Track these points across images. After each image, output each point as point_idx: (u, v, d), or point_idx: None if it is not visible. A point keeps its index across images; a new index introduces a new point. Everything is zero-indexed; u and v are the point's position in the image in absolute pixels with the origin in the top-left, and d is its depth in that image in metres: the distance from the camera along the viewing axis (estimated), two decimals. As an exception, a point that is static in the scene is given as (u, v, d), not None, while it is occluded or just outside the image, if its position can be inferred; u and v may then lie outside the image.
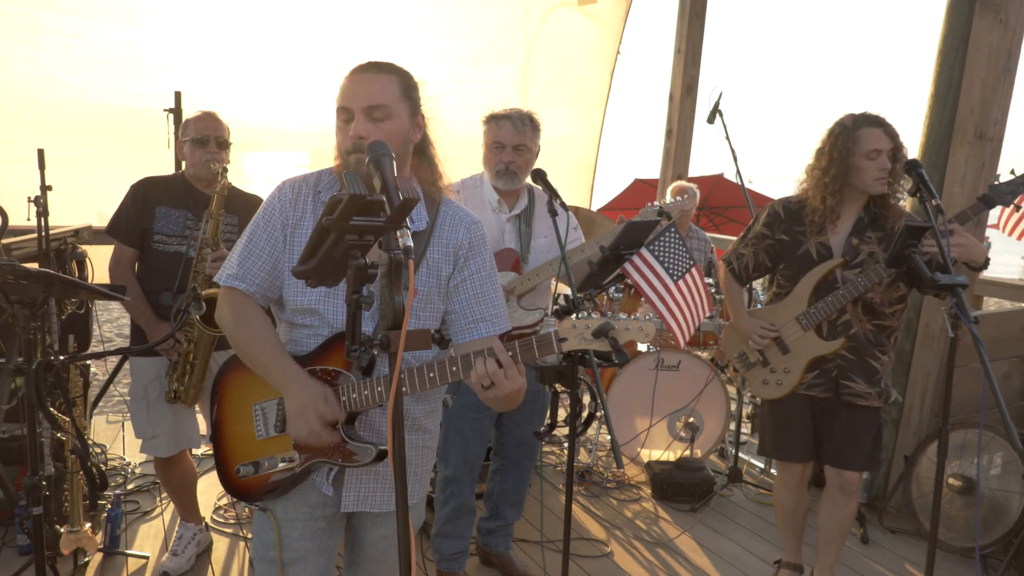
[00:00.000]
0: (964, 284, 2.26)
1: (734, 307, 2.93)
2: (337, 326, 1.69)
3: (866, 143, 2.56)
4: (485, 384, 1.53)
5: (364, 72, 1.65)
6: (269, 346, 1.67)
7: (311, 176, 1.76)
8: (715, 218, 9.30)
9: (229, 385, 1.79)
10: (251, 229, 1.72)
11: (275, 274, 1.71)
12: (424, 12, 4.82)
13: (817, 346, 2.70)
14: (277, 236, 1.69)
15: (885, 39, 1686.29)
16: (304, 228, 1.70)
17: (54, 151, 3.22)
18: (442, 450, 2.89)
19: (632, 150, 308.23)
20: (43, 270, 2.19)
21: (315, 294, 1.68)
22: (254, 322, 1.69)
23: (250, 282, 1.70)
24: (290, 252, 1.70)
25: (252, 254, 1.70)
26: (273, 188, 1.75)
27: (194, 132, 2.87)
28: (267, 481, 1.72)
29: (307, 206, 1.71)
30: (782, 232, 2.78)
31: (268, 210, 1.71)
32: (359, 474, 1.74)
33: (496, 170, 2.72)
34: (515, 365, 1.54)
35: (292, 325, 1.75)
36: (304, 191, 1.72)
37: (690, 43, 5.42)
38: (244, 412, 1.76)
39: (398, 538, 1.15)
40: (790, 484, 2.90)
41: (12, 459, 3.16)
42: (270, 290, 1.72)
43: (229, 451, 1.78)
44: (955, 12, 3.55)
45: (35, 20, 3.82)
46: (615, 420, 4.14)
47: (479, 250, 1.78)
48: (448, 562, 2.95)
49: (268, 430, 1.72)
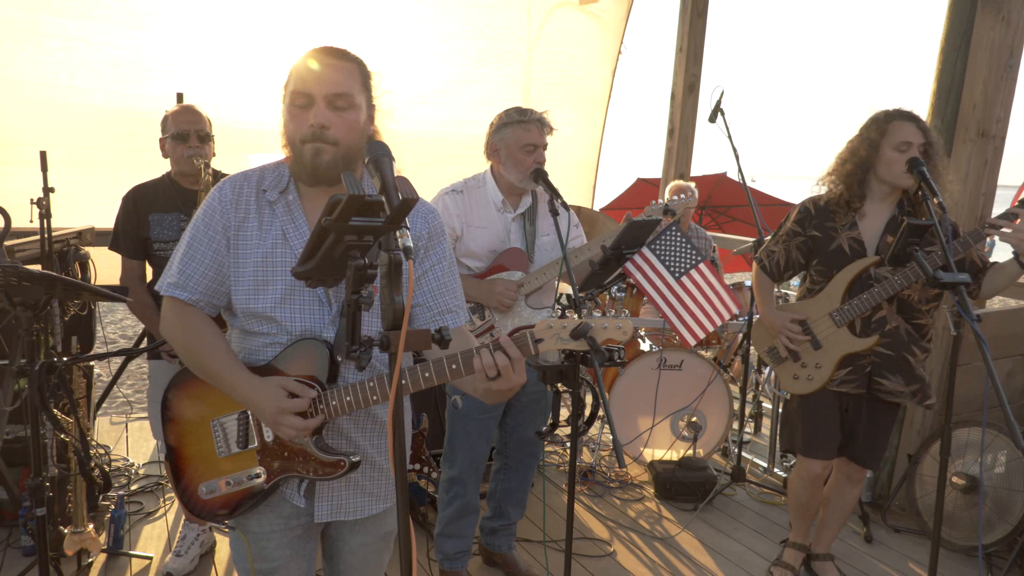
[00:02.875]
0: (966, 282, 2.26)
1: (763, 302, 2.95)
2: (296, 332, 1.60)
3: (896, 135, 2.57)
4: (491, 374, 1.47)
5: (326, 57, 1.55)
6: (221, 355, 1.59)
7: (253, 173, 1.65)
8: (718, 217, 9.30)
9: (181, 402, 1.69)
10: (191, 233, 1.62)
11: (219, 280, 1.61)
12: (426, 13, 4.82)
13: (850, 343, 2.72)
14: (219, 240, 1.59)
15: (887, 37, 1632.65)
16: (248, 229, 1.60)
17: (57, 153, 3.23)
18: (447, 451, 2.90)
19: (634, 149, 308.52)
20: (46, 272, 2.19)
21: (269, 299, 1.59)
22: (202, 332, 1.61)
23: (192, 290, 1.60)
24: (235, 255, 1.60)
25: (193, 260, 1.60)
26: (213, 188, 1.65)
27: (174, 127, 2.80)
28: (234, 500, 1.64)
29: (250, 206, 1.61)
30: (814, 228, 2.79)
31: (208, 212, 1.60)
32: (330, 483, 1.67)
33: (529, 172, 2.72)
34: (521, 360, 1.49)
35: (246, 333, 1.65)
36: (246, 190, 1.62)
37: (692, 42, 5.42)
38: (201, 429, 1.66)
39: (400, 540, 1.14)
40: (807, 480, 2.92)
41: (16, 460, 3.17)
42: (215, 297, 1.63)
43: (189, 472, 1.67)
44: (957, 9, 3.54)
45: (39, 23, 3.83)
46: (618, 419, 4.13)
47: (439, 240, 1.72)
48: (451, 561, 2.95)
49: (230, 446, 1.64)
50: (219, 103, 4.07)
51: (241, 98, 4.39)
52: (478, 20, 5.00)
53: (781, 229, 2.90)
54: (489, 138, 2.80)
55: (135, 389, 6.24)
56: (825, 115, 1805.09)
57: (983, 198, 3.54)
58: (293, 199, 1.62)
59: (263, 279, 1.59)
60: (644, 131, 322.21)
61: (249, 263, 1.59)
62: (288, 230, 1.60)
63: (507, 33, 5.14)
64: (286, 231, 1.60)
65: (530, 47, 5.28)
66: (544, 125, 2.75)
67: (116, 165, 4.15)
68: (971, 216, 3.53)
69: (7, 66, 3.82)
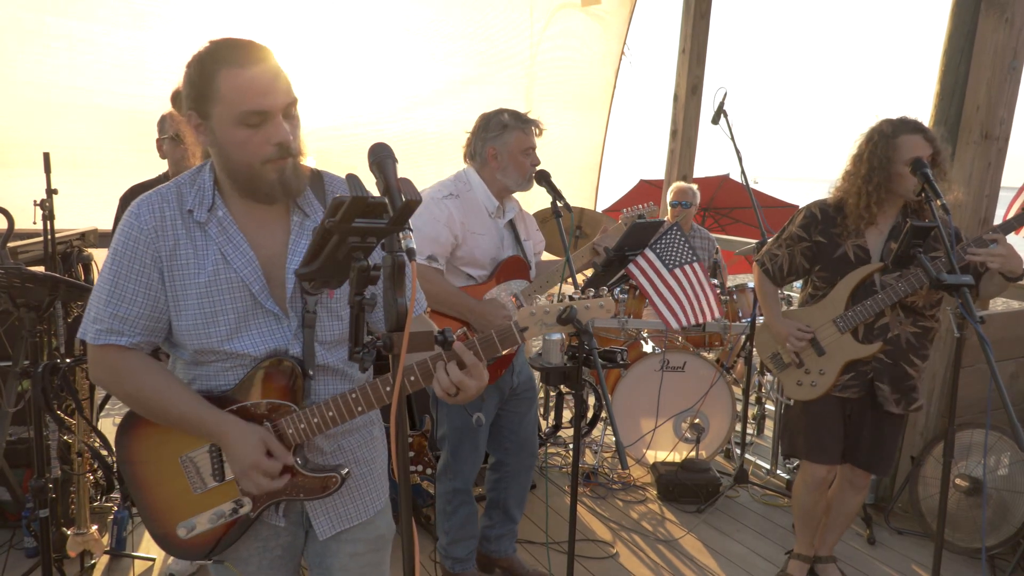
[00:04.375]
0: (970, 284, 2.25)
1: (768, 307, 2.93)
2: (259, 355, 1.46)
3: (907, 150, 2.55)
4: (452, 393, 1.41)
5: (262, 63, 1.36)
6: (182, 398, 1.44)
7: (168, 191, 1.45)
8: (720, 219, 9.30)
9: (139, 445, 1.52)
10: (112, 271, 1.41)
11: (155, 317, 1.44)
12: (428, 15, 4.83)
13: (854, 349, 2.71)
14: (149, 272, 1.41)
15: (891, 38, 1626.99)
16: (182, 257, 1.42)
17: (60, 155, 3.23)
18: (450, 463, 2.86)
19: (637, 151, 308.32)
20: (49, 274, 2.20)
21: (222, 331, 1.43)
22: (151, 378, 1.45)
23: (130, 334, 1.43)
24: (171, 288, 1.42)
25: (123, 300, 1.41)
26: (125, 214, 1.44)
27: (172, 129, 2.78)
28: (218, 534, 1.52)
29: (178, 230, 1.42)
30: (819, 234, 2.77)
31: (129, 243, 1.41)
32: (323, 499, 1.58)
33: (528, 175, 2.72)
34: (480, 363, 1.42)
35: (198, 362, 1.49)
36: (168, 212, 1.42)
37: (695, 43, 5.42)
38: (169, 468, 1.51)
39: (402, 541, 1.14)
40: (811, 485, 2.91)
41: (19, 462, 3.17)
42: (154, 335, 1.46)
43: (163, 513, 1.53)
44: (961, 11, 3.54)
45: (43, 24, 3.84)
46: (620, 421, 4.13)
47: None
48: (462, 563, 2.96)
49: (206, 482, 1.51)
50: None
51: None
52: (481, 22, 5.01)
53: (784, 232, 2.89)
54: (483, 142, 2.71)
55: (138, 390, 6.26)
56: (828, 117, 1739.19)
57: (986, 200, 3.54)
58: (224, 215, 1.45)
59: (210, 310, 1.43)
60: (647, 133, 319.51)
61: (191, 294, 1.43)
62: (227, 251, 1.44)
63: (510, 35, 5.15)
64: (225, 252, 1.44)
65: (533, 48, 5.28)
66: (537, 127, 2.75)
67: (119, 166, 4.16)
68: (975, 218, 3.53)
69: (10, 67, 3.83)
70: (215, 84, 1.34)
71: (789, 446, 2.98)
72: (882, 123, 2.64)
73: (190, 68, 1.40)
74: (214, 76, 1.34)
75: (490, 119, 2.72)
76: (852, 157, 2.71)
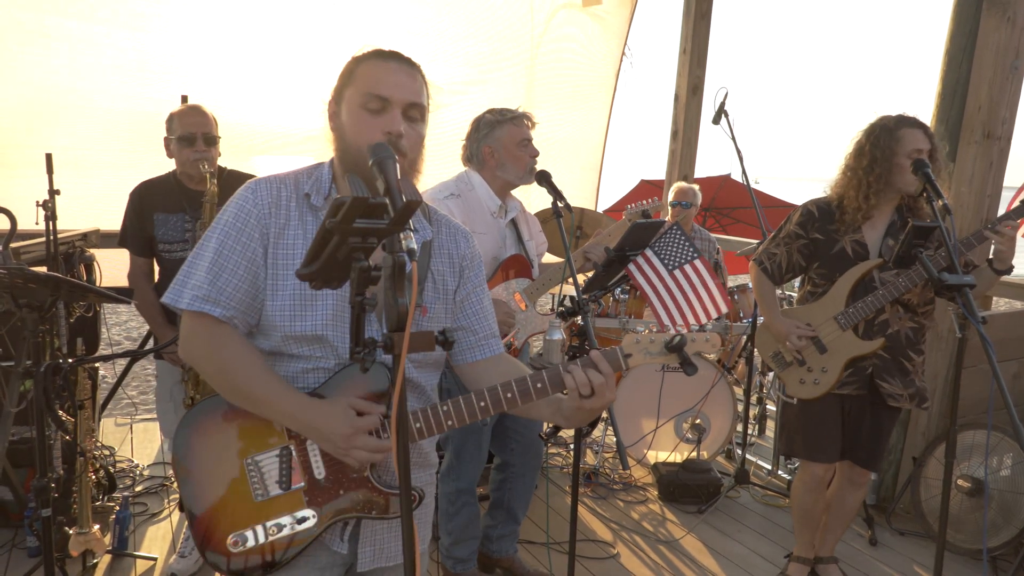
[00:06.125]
0: (971, 285, 2.25)
1: (767, 307, 2.93)
2: (346, 357, 1.41)
3: (909, 143, 2.59)
4: (585, 392, 1.39)
5: (402, 64, 1.44)
6: (267, 379, 1.39)
7: (287, 177, 1.48)
8: (721, 219, 9.29)
9: (202, 443, 1.45)
10: (219, 237, 1.40)
11: (253, 294, 1.41)
12: (429, 15, 4.83)
13: (856, 346, 2.72)
14: (255, 247, 1.40)
15: (892, 38, 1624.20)
16: (288, 237, 1.43)
17: (62, 155, 3.24)
18: (453, 463, 2.87)
19: (638, 151, 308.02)
20: (51, 274, 2.20)
21: (319, 318, 1.41)
22: (241, 353, 1.40)
23: (226, 305, 1.38)
24: (273, 268, 1.41)
25: (224, 270, 1.38)
26: (242, 188, 1.45)
27: (180, 129, 2.77)
28: (275, 550, 1.41)
29: (291, 211, 1.44)
30: (816, 231, 2.79)
31: (241, 214, 1.41)
32: (374, 526, 1.51)
33: (528, 168, 2.72)
34: (614, 376, 1.41)
35: (282, 357, 1.45)
36: (284, 193, 1.45)
37: (696, 43, 5.41)
38: (231, 471, 1.42)
39: (403, 543, 1.13)
40: (810, 485, 2.91)
41: (22, 462, 3.18)
42: (249, 314, 1.42)
43: (216, 520, 1.42)
44: (962, 11, 3.53)
45: (44, 25, 3.85)
46: (621, 421, 4.13)
47: (477, 261, 1.63)
48: (464, 563, 2.96)
49: (269, 489, 1.42)
50: (223, 104, 4.08)
51: (245, 99, 4.40)
52: (482, 23, 5.01)
53: (782, 231, 2.90)
54: (477, 143, 2.74)
55: (140, 391, 6.26)
56: (829, 117, 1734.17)
57: (988, 199, 3.53)
58: None
59: (311, 295, 1.42)
60: (648, 133, 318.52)
61: (292, 277, 1.40)
62: None
63: (510, 35, 5.15)
64: None
65: (533, 49, 5.28)
66: (529, 119, 2.76)
67: (121, 167, 4.17)
68: (976, 218, 3.52)
69: (12, 68, 3.84)
70: (356, 71, 1.44)
71: (787, 445, 2.99)
72: (882, 118, 2.68)
73: (346, 64, 1.49)
74: (358, 64, 1.45)
75: (479, 121, 2.77)
76: (852, 151, 2.74)
